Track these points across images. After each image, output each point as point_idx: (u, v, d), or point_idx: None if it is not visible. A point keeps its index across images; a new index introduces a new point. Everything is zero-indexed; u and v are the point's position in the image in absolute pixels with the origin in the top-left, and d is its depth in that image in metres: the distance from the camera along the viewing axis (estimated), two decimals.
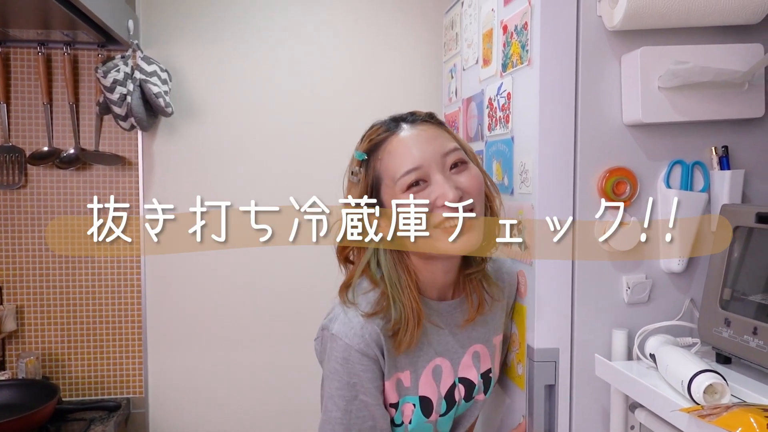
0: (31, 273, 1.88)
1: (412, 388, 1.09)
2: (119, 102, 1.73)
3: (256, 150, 1.95)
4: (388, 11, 1.98)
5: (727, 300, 1.04)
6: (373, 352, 1.03)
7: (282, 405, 1.99)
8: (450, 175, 1.03)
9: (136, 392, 1.94)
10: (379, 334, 1.03)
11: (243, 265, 1.95)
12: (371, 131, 1.08)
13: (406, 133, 1.04)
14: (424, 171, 1.01)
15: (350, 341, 1.02)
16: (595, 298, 1.17)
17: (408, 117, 1.08)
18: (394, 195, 1.03)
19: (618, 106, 1.15)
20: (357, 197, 1.06)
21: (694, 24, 1.10)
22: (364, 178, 1.06)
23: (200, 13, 1.90)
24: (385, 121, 1.09)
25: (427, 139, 1.03)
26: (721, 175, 1.14)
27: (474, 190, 1.04)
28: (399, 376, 1.08)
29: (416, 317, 1.04)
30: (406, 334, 1.03)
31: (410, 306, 1.04)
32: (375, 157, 1.06)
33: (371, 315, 1.03)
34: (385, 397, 1.08)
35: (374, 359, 1.03)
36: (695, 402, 0.88)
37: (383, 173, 1.04)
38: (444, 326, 1.13)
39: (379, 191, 1.06)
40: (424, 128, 1.06)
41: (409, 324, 1.03)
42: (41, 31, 1.70)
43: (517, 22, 1.22)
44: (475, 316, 1.14)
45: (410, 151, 1.02)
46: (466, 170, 1.05)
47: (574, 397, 1.18)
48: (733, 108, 1.13)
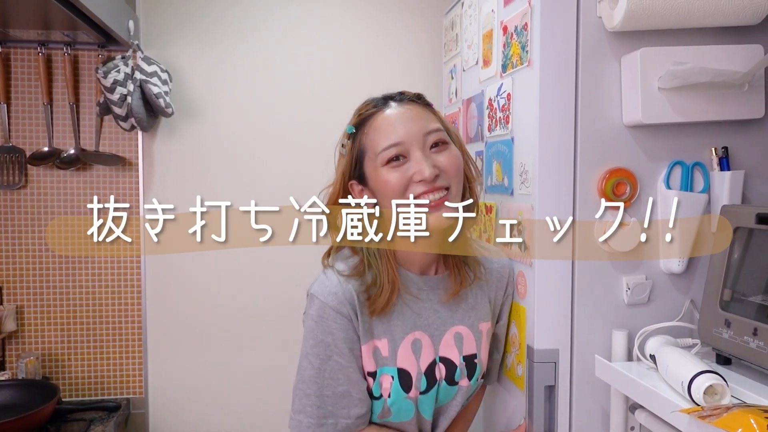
0: (31, 273, 1.88)
1: (390, 358, 1.12)
2: (119, 102, 1.73)
3: (255, 150, 1.95)
4: (387, 12, 1.98)
5: (727, 301, 1.04)
6: (347, 311, 1.08)
7: (282, 405, 1.97)
8: (429, 153, 1.08)
9: (136, 392, 1.94)
10: (353, 294, 1.08)
11: (243, 266, 1.95)
12: (362, 106, 1.15)
13: (393, 111, 1.10)
14: (404, 147, 1.07)
15: (325, 299, 1.08)
16: (595, 299, 1.17)
17: (397, 96, 1.14)
18: (375, 168, 1.09)
19: (618, 107, 1.15)
20: (344, 168, 1.13)
21: (694, 25, 1.10)
22: (350, 150, 1.13)
23: (201, 13, 1.91)
24: (376, 98, 1.15)
25: (412, 118, 1.09)
26: (721, 176, 1.14)
27: (452, 170, 1.09)
28: (376, 344, 1.11)
29: (391, 283, 1.09)
30: (380, 297, 1.08)
31: (386, 273, 1.09)
32: (362, 131, 1.12)
33: (347, 276, 1.09)
34: (362, 363, 1.11)
35: (348, 318, 1.08)
36: (695, 403, 0.88)
37: (367, 146, 1.10)
38: (425, 300, 1.16)
39: (362, 163, 1.11)
40: (410, 107, 1.11)
41: (383, 289, 1.08)
42: (42, 31, 1.70)
43: (517, 22, 1.22)
44: (459, 289, 1.17)
45: (394, 127, 1.08)
46: (446, 150, 1.10)
47: (574, 398, 1.18)
48: (733, 109, 1.13)
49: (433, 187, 1.07)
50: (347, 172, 1.13)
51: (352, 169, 1.13)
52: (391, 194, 1.07)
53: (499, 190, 1.34)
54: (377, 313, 1.10)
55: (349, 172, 1.13)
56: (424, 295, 1.16)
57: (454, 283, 1.18)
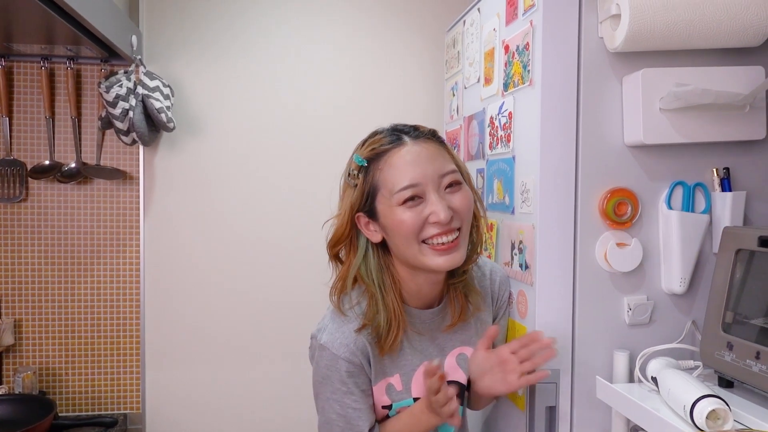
0: (30, 287, 1.87)
1: (404, 391, 1.15)
2: (121, 117, 1.73)
3: (257, 165, 1.95)
4: (389, 29, 1.99)
5: (729, 323, 1.04)
6: (359, 360, 1.10)
7: (280, 421, 1.97)
8: (444, 194, 1.08)
9: (134, 408, 1.92)
10: (365, 344, 1.10)
11: (243, 281, 1.95)
12: (374, 139, 1.11)
13: (409, 149, 1.08)
14: (421, 188, 1.06)
15: (337, 351, 1.09)
16: (597, 319, 1.16)
17: (411, 131, 1.11)
18: (390, 206, 1.07)
19: (619, 127, 1.15)
20: (353, 201, 1.11)
21: (695, 46, 1.10)
22: (361, 184, 1.10)
23: (203, 29, 1.91)
24: (388, 131, 1.12)
25: (428, 158, 1.08)
26: (722, 197, 1.14)
27: (464, 211, 1.09)
28: (390, 381, 1.14)
29: (398, 321, 1.11)
30: (389, 337, 1.10)
31: (392, 309, 1.10)
32: (375, 166, 1.09)
33: (360, 329, 1.10)
34: (375, 400, 1.14)
35: (360, 366, 1.11)
36: (698, 427, 0.87)
37: (381, 183, 1.08)
38: (425, 332, 1.17)
39: (374, 199, 1.09)
40: (426, 146, 1.09)
41: (391, 327, 1.10)
42: (45, 45, 1.70)
43: (518, 42, 1.23)
44: (457, 321, 1.19)
45: (411, 167, 1.06)
46: (460, 191, 1.10)
47: (574, 419, 1.17)
48: (735, 130, 1.13)
49: (447, 228, 1.06)
50: (356, 205, 1.11)
51: (362, 203, 1.10)
52: (405, 234, 1.07)
53: (500, 209, 1.33)
54: (386, 352, 1.12)
55: (359, 205, 1.10)
56: (424, 328, 1.17)
57: (453, 313, 1.19)
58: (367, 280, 1.11)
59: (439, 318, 1.19)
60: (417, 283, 1.14)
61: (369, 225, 1.11)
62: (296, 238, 1.95)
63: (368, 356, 1.11)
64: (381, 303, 1.10)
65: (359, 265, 1.12)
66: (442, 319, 1.19)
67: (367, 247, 1.12)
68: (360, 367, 1.10)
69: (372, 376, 1.13)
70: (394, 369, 1.14)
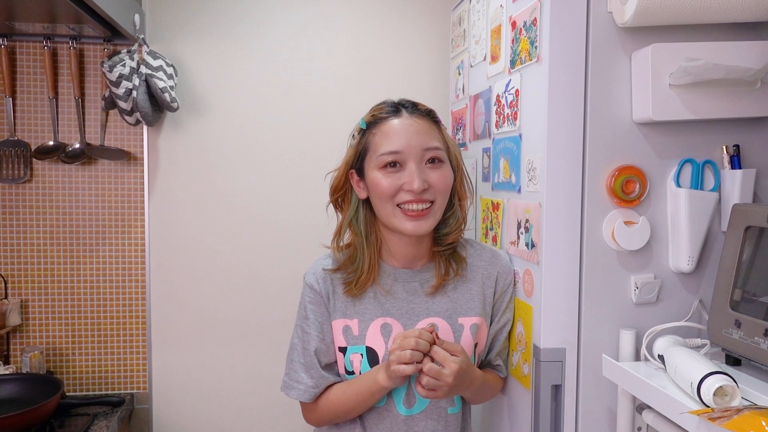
0: (36, 267, 1.88)
1: (359, 337, 1.22)
2: (125, 97, 1.72)
3: (261, 145, 1.94)
4: (394, 7, 1.97)
5: (737, 301, 1.03)
6: (320, 289, 1.23)
7: (286, 401, 1.97)
8: (424, 167, 1.17)
9: (140, 388, 1.94)
10: (330, 279, 1.24)
11: (248, 262, 1.95)
12: (378, 107, 1.24)
13: (402, 120, 1.19)
14: (402, 156, 1.16)
15: (307, 279, 1.26)
16: (603, 298, 1.16)
17: (410, 107, 1.22)
18: (372, 167, 1.19)
19: (628, 104, 1.14)
20: (349, 158, 1.24)
21: (706, 21, 1.08)
22: (357, 144, 1.23)
23: (207, 8, 1.90)
24: (391, 102, 1.24)
25: (417, 131, 1.17)
26: (732, 174, 1.13)
27: (440, 187, 1.18)
28: (348, 323, 1.22)
29: (370, 271, 1.22)
30: (357, 282, 1.21)
31: (367, 263, 1.21)
32: (371, 130, 1.21)
33: (333, 270, 1.24)
34: (333, 338, 1.24)
35: (319, 295, 1.23)
36: (705, 404, 0.87)
37: (371, 146, 1.20)
38: (399, 291, 1.23)
39: (364, 159, 1.21)
40: (419, 121, 1.19)
41: (362, 276, 1.21)
42: (47, 24, 1.69)
43: (526, 18, 1.21)
44: (440, 282, 1.24)
45: (398, 136, 1.17)
46: (440, 168, 1.18)
47: (580, 398, 1.17)
48: (745, 106, 1.11)
49: (419, 198, 1.15)
50: (350, 162, 1.23)
51: (355, 161, 1.23)
52: (380, 195, 1.17)
53: (506, 187, 1.32)
54: (350, 294, 1.22)
55: (352, 162, 1.23)
56: (399, 286, 1.24)
57: (437, 276, 1.24)
58: (356, 230, 1.24)
59: (419, 281, 1.25)
60: (394, 241, 1.24)
61: (360, 183, 1.23)
62: (301, 217, 1.94)
63: (329, 289, 1.23)
64: (360, 252, 1.22)
65: (351, 217, 1.24)
66: (423, 282, 1.24)
67: (358, 202, 1.24)
68: (320, 296, 1.23)
69: (331, 310, 1.23)
70: (354, 313, 1.22)
